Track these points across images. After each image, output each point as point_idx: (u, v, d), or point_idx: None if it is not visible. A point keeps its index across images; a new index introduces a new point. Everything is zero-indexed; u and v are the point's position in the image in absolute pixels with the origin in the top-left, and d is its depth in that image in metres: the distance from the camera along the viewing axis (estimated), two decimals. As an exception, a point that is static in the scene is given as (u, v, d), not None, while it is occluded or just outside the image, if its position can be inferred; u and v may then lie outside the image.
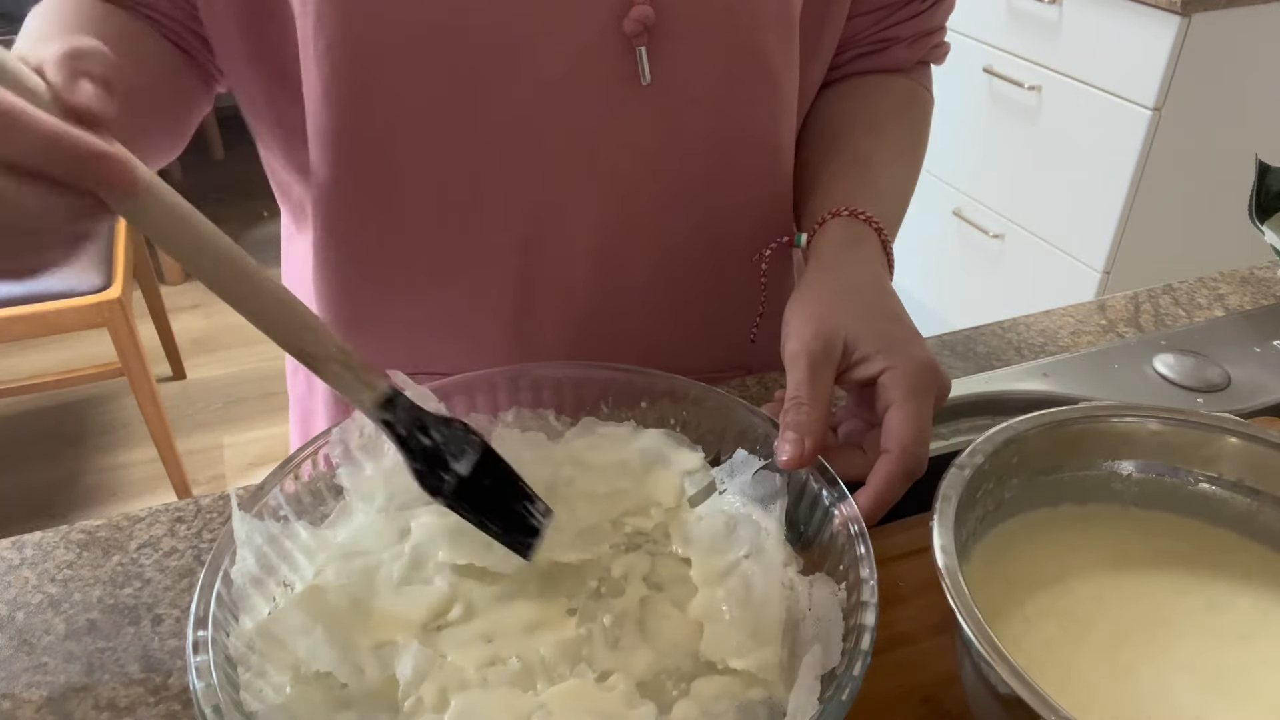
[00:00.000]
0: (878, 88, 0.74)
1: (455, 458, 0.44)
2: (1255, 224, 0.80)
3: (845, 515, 0.47)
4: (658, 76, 0.59)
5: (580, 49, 0.57)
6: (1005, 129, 2.00)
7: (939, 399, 0.51)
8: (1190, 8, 1.59)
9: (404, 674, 0.42)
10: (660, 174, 0.63)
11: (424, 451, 0.44)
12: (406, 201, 0.61)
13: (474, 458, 0.44)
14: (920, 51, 0.75)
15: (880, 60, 0.74)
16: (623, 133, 0.60)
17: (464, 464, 0.44)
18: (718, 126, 0.62)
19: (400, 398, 0.44)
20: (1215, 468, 0.49)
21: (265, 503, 0.47)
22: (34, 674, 0.51)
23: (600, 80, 0.58)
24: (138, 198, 0.37)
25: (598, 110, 0.59)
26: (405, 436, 0.44)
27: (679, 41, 0.58)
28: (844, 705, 0.38)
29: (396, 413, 0.43)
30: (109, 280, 1.78)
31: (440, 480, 0.44)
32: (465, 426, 0.45)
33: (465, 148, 0.59)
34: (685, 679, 0.43)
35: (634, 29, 0.56)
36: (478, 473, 0.44)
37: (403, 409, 0.44)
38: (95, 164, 0.35)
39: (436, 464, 0.44)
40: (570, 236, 0.63)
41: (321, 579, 0.46)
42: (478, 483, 0.44)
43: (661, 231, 0.65)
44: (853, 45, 0.73)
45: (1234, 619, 0.45)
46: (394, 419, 0.44)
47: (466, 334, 0.66)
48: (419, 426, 0.44)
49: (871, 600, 0.42)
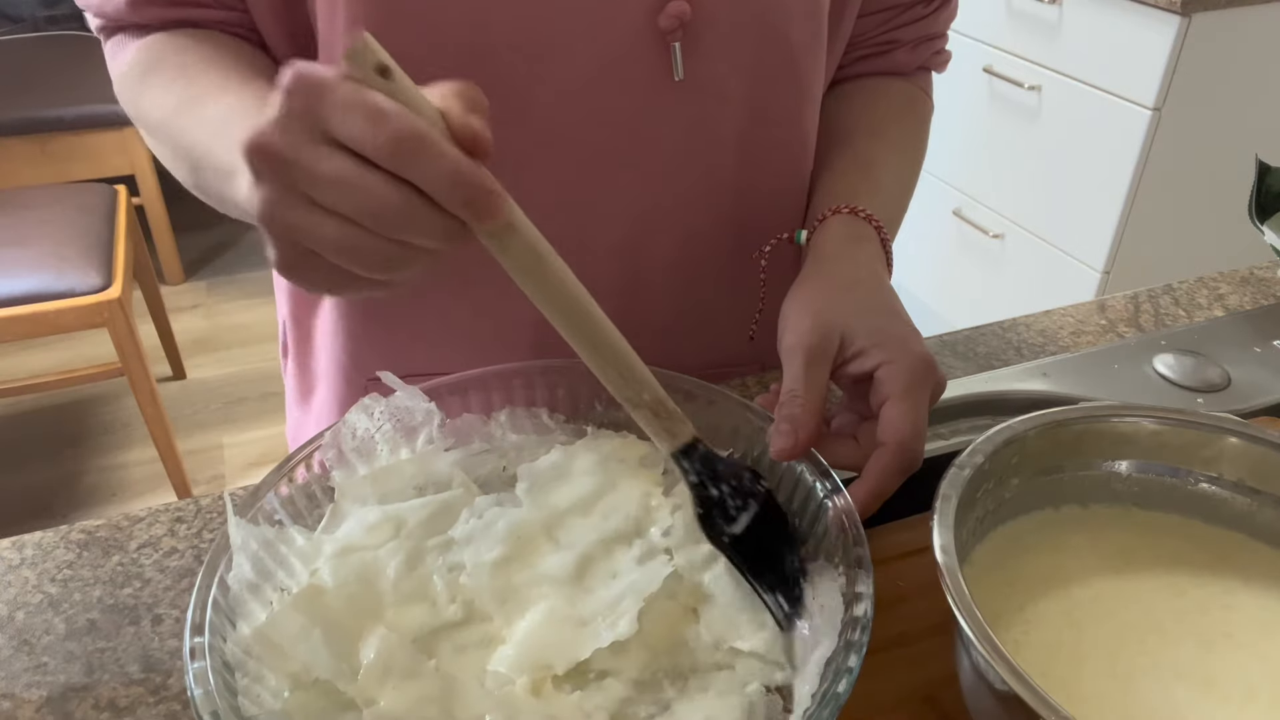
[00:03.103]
0: (879, 91, 0.74)
1: (740, 509, 0.47)
2: (1255, 224, 0.80)
3: (840, 508, 0.47)
4: (690, 73, 0.59)
5: (615, 46, 0.57)
6: (1005, 129, 2.00)
7: (935, 395, 0.51)
8: (1190, 8, 1.59)
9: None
10: (688, 170, 0.63)
11: (711, 500, 0.47)
12: None
13: (755, 510, 0.47)
14: (922, 56, 0.75)
15: (883, 63, 0.74)
16: (653, 129, 0.60)
17: (747, 516, 0.47)
18: (746, 122, 0.63)
19: (699, 447, 0.47)
20: (1215, 468, 0.49)
21: (260, 507, 0.47)
22: (34, 674, 0.51)
23: (633, 77, 0.58)
24: (504, 231, 0.40)
25: (629, 107, 0.59)
26: (696, 483, 0.47)
27: (713, 38, 0.58)
28: (840, 697, 0.39)
29: (692, 461, 0.47)
30: (109, 280, 1.78)
31: (721, 530, 0.47)
32: (754, 475, 0.48)
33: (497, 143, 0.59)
34: (682, 677, 0.44)
35: (670, 25, 0.56)
36: (757, 526, 0.47)
37: (698, 458, 0.47)
38: (482, 199, 0.37)
39: (721, 512, 0.47)
40: (595, 231, 0.63)
41: (318, 578, 0.46)
42: (755, 536, 0.47)
43: (685, 226, 0.65)
44: (857, 47, 0.73)
45: (1234, 619, 0.45)
46: (688, 466, 0.47)
47: (489, 330, 0.66)
48: (711, 475, 0.47)
49: (867, 592, 0.42)
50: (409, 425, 0.53)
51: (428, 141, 0.36)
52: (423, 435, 0.53)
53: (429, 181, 0.36)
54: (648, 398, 0.45)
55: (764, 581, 0.46)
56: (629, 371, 0.44)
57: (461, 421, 0.55)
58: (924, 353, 0.51)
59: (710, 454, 0.47)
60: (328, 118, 0.36)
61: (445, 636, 0.45)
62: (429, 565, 0.47)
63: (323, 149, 0.36)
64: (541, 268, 0.41)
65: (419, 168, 0.36)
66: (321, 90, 0.36)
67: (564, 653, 0.44)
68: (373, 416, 0.52)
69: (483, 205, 0.37)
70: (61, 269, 1.77)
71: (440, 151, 0.36)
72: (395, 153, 0.36)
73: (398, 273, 0.40)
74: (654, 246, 0.65)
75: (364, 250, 0.38)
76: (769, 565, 0.47)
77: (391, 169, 0.36)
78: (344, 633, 0.44)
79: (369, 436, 0.52)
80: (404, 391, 0.52)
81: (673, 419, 0.46)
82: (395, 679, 0.42)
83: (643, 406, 0.45)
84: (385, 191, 0.36)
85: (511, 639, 0.45)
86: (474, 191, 0.37)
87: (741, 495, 0.47)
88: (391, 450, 0.53)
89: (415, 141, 0.36)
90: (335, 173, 0.36)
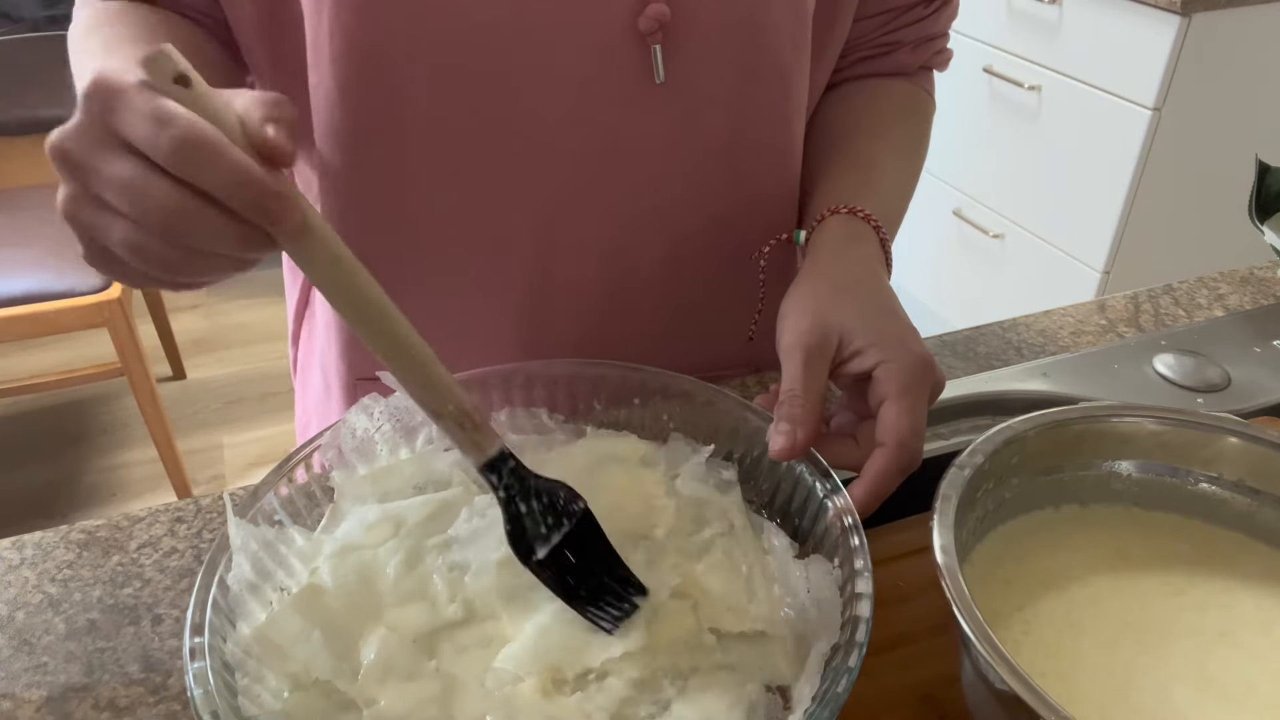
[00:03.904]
0: (881, 91, 0.74)
1: (552, 527, 0.45)
2: (1255, 224, 0.80)
3: (839, 507, 0.47)
4: (672, 76, 0.59)
5: (595, 48, 0.57)
6: (1005, 129, 2.00)
7: (934, 394, 0.51)
8: (1190, 8, 1.59)
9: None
10: (674, 172, 0.63)
11: (522, 517, 0.45)
12: (420, 200, 0.61)
13: (568, 528, 0.45)
14: (923, 56, 0.75)
15: (884, 64, 0.74)
16: (637, 132, 0.60)
17: (558, 534, 0.45)
18: (731, 126, 0.63)
19: (508, 462, 0.45)
20: (1215, 468, 0.49)
21: (260, 507, 0.47)
22: (34, 674, 0.51)
23: (615, 80, 0.58)
24: (302, 239, 0.39)
25: (612, 109, 0.59)
26: (507, 500, 0.45)
27: (694, 40, 0.58)
28: (840, 697, 0.39)
29: (502, 476, 0.45)
30: (109, 280, 1.78)
31: (531, 548, 0.45)
32: (570, 493, 0.46)
33: (480, 146, 0.59)
34: (682, 676, 0.44)
35: (649, 27, 0.56)
36: (571, 544, 0.45)
37: (509, 473, 0.45)
38: (271, 203, 0.37)
39: (533, 530, 0.45)
40: (583, 234, 0.63)
41: (317, 578, 0.46)
42: (570, 553, 0.45)
43: (673, 229, 0.65)
44: (857, 48, 0.73)
45: (1234, 619, 0.45)
46: (498, 481, 0.45)
47: (479, 331, 0.66)
48: (522, 492, 0.45)
49: (867, 591, 0.42)
50: (409, 425, 0.53)
51: (211, 145, 0.36)
52: (422, 435, 0.53)
53: (214, 185, 0.37)
54: (452, 408, 0.44)
55: (584, 600, 0.45)
56: (431, 380, 0.43)
57: None
58: (923, 352, 0.51)
59: (522, 469, 0.45)
60: (119, 123, 0.37)
61: (445, 636, 0.45)
62: (429, 564, 0.47)
63: (114, 153, 0.37)
64: (341, 273, 0.41)
65: (202, 171, 0.37)
66: (116, 96, 0.37)
67: (573, 657, 0.44)
68: (372, 416, 0.52)
69: (272, 209, 0.37)
70: (61, 269, 1.77)
71: (222, 154, 0.37)
72: (177, 156, 0.36)
73: (193, 276, 0.41)
74: (643, 249, 0.65)
75: (150, 252, 0.39)
76: (589, 583, 0.45)
77: (176, 173, 0.37)
78: (344, 633, 0.44)
79: (369, 436, 0.52)
80: (400, 394, 0.52)
81: (480, 431, 0.45)
82: (395, 679, 0.42)
83: (446, 417, 0.44)
84: (165, 195, 0.37)
85: (520, 637, 0.45)
86: (260, 194, 0.37)
87: (556, 513, 0.45)
88: (391, 450, 0.53)
89: (197, 145, 0.36)
90: (120, 176, 0.37)
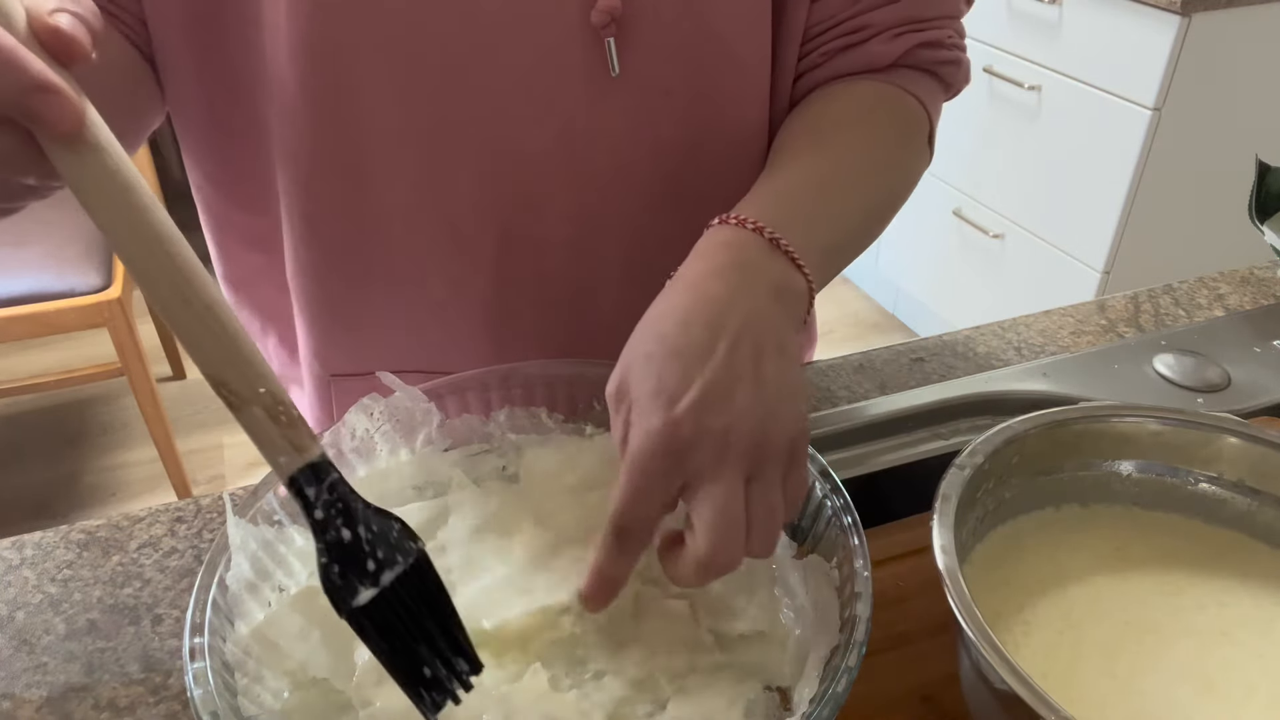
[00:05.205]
0: (837, 95, 0.63)
1: (382, 564, 0.36)
2: (1255, 224, 0.80)
3: (838, 507, 0.47)
4: (627, 68, 0.58)
5: (549, 41, 0.57)
6: (1005, 129, 2.00)
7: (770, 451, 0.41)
8: (1190, 8, 1.59)
9: None
10: (633, 165, 0.62)
11: (340, 545, 0.35)
12: (383, 195, 0.61)
13: (402, 568, 0.36)
14: (904, 47, 0.62)
15: (856, 57, 0.63)
16: (594, 125, 0.60)
17: (387, 575, 0.35)
18: (689, 118, 0.62)
19: (330, 473, 0.35)
20: (1215, 468, 0.49)
21: (259, 507, 0.47)
22: (34, 674, 0.51)
23: (570, 73, 0.58)
24: (79, 149, 0.31)
25: (568, 103, 0.59)
26: (322, 520, 0.35)
27: (647, 32, 0.58)
28: (840, 697, 0.39)
29: (319, 488, 0.35)
30: (109, 280, 1.79)
31: (350, 588, 0.35)
32: (405, 529, 0.37)
33: (439, 140, 0.59)
34: (680, 676, 0.43)
35: (601, 20, 0.56)
36: (401, 590, 0.36)
37: (328, 486, 0.35)
38: (41, 96, 0.31)
39: (353, 565, 0.35)
40: (546, 227, 0.63)
41: (316, 579, 0.46)
42: (397, 603, 0.36)
43: (636, 221, 0.65)
44: (824, 36, 0.63)
45: (1233, 619, 0.45)
46: (313, 496, 0.35)
47: (445, 326, 0.66)
48: (343, 513, 0.35)
49: (865, 591, 0.42)
50: (408, 425, 0.53)
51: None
52: (421, 435, 0.53)
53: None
54: (264, 392, 0.34)
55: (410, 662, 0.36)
56: (238, 355, 0.34)
57: (460, 421, 0.55)
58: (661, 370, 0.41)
59: (345, 487, 0.36)
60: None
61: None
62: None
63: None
64: (125, 204, 0.32)
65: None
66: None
67: (494, 611, 0.43)
68: (372, 417, 0.52)
69: (34, 106, 0.30)
70: (61, 269, 1.77)
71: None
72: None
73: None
74: (605, 245, 0.64)
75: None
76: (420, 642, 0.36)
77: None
78: (342, 632, 0.43)
79: (368, 437, 0.52)
80: (403, 392, 0.52)
81: (297, 428, 0.35)
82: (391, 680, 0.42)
83: (255, 403, 0.34)
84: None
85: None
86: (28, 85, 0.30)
87: (389, 547, 0.36)
88: (391, 450, 0.53)
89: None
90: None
